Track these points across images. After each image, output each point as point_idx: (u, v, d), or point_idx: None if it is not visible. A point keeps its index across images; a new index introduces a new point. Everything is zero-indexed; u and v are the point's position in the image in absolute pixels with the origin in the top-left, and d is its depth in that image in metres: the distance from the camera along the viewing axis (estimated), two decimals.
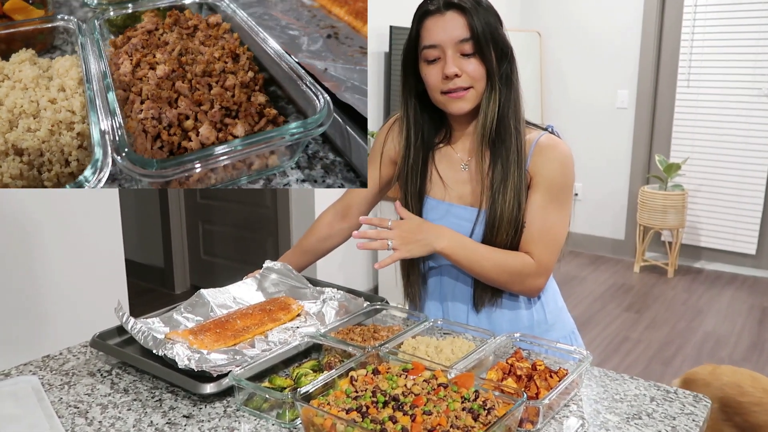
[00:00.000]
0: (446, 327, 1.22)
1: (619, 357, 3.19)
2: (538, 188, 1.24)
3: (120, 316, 1.14)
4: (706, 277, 4.32)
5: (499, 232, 1.23)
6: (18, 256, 1.98)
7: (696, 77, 4.32)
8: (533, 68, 4.74)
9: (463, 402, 0.86)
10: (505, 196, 1.22)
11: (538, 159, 1.24)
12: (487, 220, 1.24)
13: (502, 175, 1.22)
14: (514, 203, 1.22)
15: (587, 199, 4.82)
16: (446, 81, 1.19)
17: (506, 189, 1.22)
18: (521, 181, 1.22)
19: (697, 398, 1.01)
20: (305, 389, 0.90)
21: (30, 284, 2.01)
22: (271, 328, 1.20)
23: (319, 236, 1.47)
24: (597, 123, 4.69)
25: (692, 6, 4.25)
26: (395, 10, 3.30)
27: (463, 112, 1.23)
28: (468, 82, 1.19)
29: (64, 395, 1.01)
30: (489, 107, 1.21)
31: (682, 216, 4.20)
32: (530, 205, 1.23)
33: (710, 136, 4.32)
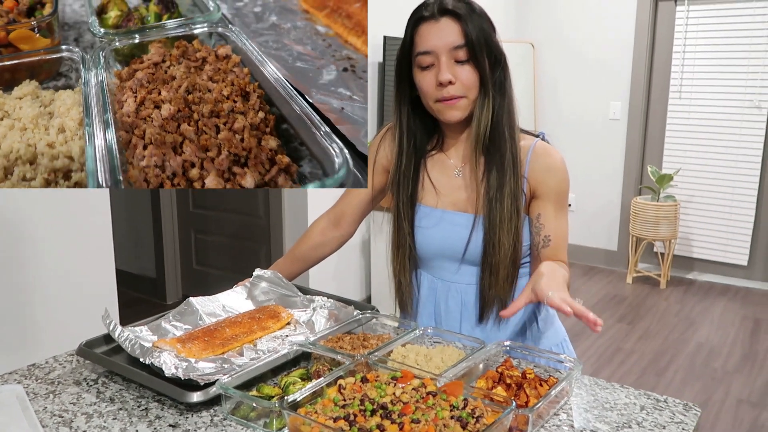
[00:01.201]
0: (436, 335, 1.22)
1: (612, 368, 3.18)
2: (547, 199, 1.26)
3: (107, 324, 1.13)
4: (698, 288, 4.33)
5: (499, 237, 1.23)
6: (7, 264, 1.96)
7: (688, 89, 4.35)
8: (527, 79, 4.76)
9: (452, 410, 0.86)
10: (503, 202, 1.22)
11: (536, 167, 1.25)
12: (486, 227, 1.24)
13: (498, 181, 1.22)
14: (512, 209, 1.23)
15: (580, 210, 4.83)
16: (440, 88, 1.19)
17: (503, 195, 1.22)
18: (518, 187, 1.23)
19: (687, 407, 1.00)
20: (292, 397, 0.89)
21: (19, 292, 2.00)
22: (260, 336, 1.19)
23: (312, 244, 1.47)
24: (590, 134, 4.71)
25: (684, 18, 4.29)
26: (389, 20, 3.31)
27: (456, 120, 1.23)
28: (461, 91, 1.20)
29: (49, 404, 1.00)
30: (483, 114, 1.21)
31: (674, 227, 4.21)
32: (547, 217, 1.26)
33: (702, 147, 4.35)
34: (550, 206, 1.26)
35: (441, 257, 1.31)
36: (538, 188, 1.26)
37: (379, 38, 3.45)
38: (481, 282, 1.28)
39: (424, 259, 1.33)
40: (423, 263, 1.35)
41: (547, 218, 1.26)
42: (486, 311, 1.29)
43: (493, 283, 1.26)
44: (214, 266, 3.84)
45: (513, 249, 1.25)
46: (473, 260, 1.28)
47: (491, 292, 1.27)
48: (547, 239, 1.26)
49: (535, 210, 1.27)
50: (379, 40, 3.46)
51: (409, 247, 1.32)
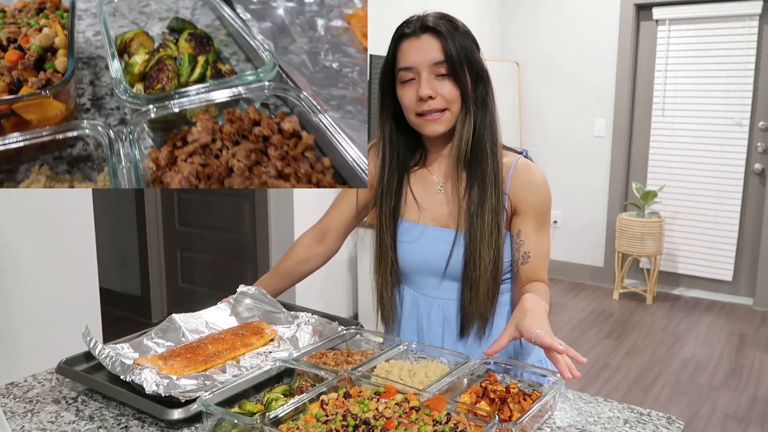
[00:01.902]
0: (420, 351, 1.21)
1: (599, 384, 3.18)
2: (527, 217, 1.26)
3: (87, 341, 1.11)
4: (684, 304, 4.35)
5: (480, 253, 1.23)
6: None
7: (671, 107, 4.41)
8: (512, 97, 4.81)
9: (435, 425, 0.85)
10: (483, 217, 1.23)
11: (517, 183, 1.26)
12: (466, 242, 1.24)
13: (479, 197, 1.23)
14: (493, 225, 1.23)
15: (566, 227, 4.86)
16: (420, 102, 1.21)
17: (483, 210, 1.23)
18: (499, 203, 1.24)
19: (670, 420, 1.00)
20: (274, 413, 0.89)
21: (0, 310, 1.97)
22: (243, 353, 1.18)
23: (297, 259, 1.46)
24: (575, 151, 4.75)
25: (665, 38, 4.36)
26: (375, 38, 3.33)
27: (437, 134, 1.24)
28: (442, 104, 1.21)
29: (27, 423, 0.98)
30: (464, 129, 1.22)
31: (659, 243, 4.24)
32: (527, 234, 1.26)
33: (685, 164, 4.40)
34: (531, 223, 1.27)
35: (422, 272, 1.31)
36: (520, 205, 1.27)
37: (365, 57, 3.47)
38: (461, 297, 1.28)
39: (406, 274, 1.34)
40: (405, 278, 1.35)
41: (527, 235, 1.27)
42: (466, 327, 1.29)
43: (473, 298, 1.26)
44: (200, 284, 3.81)
45: (493, 264, 1.25)
46: (454, 276, 1.28)
47: (471, 307, 1.27)
48: (527, 256, 1.26)
49: (516, 226, 1.28)
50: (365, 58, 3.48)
51: (391, 261, 1.32)
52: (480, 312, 1.27)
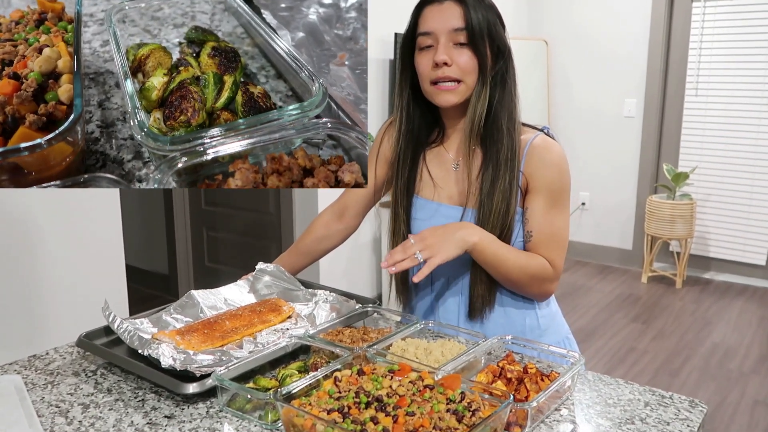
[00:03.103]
0: (437, 329, 1.20)
1: (624, 368, 3.14)
2: (538, 194, 1.22)
3: (106, 315, 1.12)
4: (715, 288, 4.26)
5: (492, 231, 1.20)
6: (17, 260, 1.97)
7: (704, 85, 4.28)
8: (540, 77, 4.72)
9: (449, 403, 0.84)
10: (493, 197, 1.20)
11: (531, 160, 1.22)
12: (476, 220, 1.22)
13: (492, 176, 1.20)
14: (502, 205, 1.20)
15: (594, 209, 4.78)
16: (435, 69, 1.18)
17: (494, 190, 1.20)
18: (512, 184, 1.20)
19: (692, 403, 0.98)
20: (287, 389, 0.88)
21: (28, 288, 2.01)
22: (260, 329, 1.18)
23: (316, 237, 1.46)
24: (604, 132, 4.66)
25: (700, 14, 4.23)
26: (400, 17, 3.29)
27: (450, 105, 1.21)
28: (457, 74, 1.18)
29: (47, 395, 1.00)
30: (478, 103, 1.20)
31: (690, 226, 4.15)
32: (533, 211, 1.22)
33: (719, 144, 4.28)
34: (541, 201, 1.22)
35: None
36: (531, 182, 1.23)
37: (390, 35, 3.44)
38: (471, 277, 1.26)
39: None
40: None
41: (532, 213, 1.22)
42: (475, 306, 1.27)
43: (481, 278, 1.24)
44: (226, 263, 3.85)
45: None
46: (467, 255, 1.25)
47: (480, 287, 1.25)
48: (529, 235, 1.23)
49: (526, 203, 1.24)
50: (390, 37, 3.44)
51: (403, 235, 1.30)
52: (487, 291, 1.25)
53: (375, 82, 3.48)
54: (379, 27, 3.37)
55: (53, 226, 2.05)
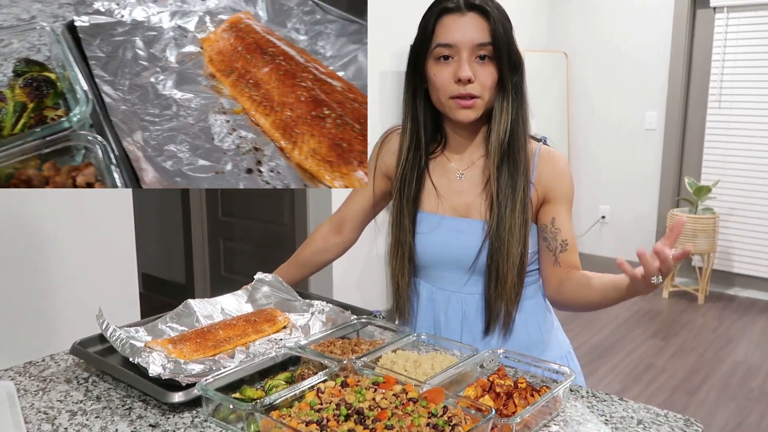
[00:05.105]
0: (430, 342, 1.18)
1: (641, 385, 3.07)
2: (560, 203, 1.23)
3: (100, 323, 1.13)
4: (738, 305, 4.16)
5: (508, 247, 1.19)
6: (29, 266, 2.00)
7: (728, 97, 4.21)
8: (560, 89, 4.69)
9: (430, 417, 0.83)
10: (514, 211, 1.19)
11: (544, 172, 1.22)
12: (494, 236, 1.20)
13: (511, 188, 1.19)
14: (521, 219, 1.20)
15: (614, 222, 4.71)
16: (458, 85, 1.15)
17: (515, 203, 1.19)
18: (527, 195, 1.20)
19: (688, 422, 0.95)
20: (268, 400, 0.88)
21: (40, 292, 2.04)
22: (254, 339, 1.18)
23: (314, 249, 1.45)
24: (625, 144, 4.60)
25: (723, 25, 4.16)
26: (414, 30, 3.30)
27: (469, 121, 1.19)
28: (478, 91, 1.15)
29: (37, 401, 1.01)
30: (502, 117, 1.18)
31: (713, 240, 4.06)
32: (562, 221, 1.23)
33: (742, 158, 4.19)
34: (564, 210, 1.23)
35: (440, 264, 1.27)
36: (549, 193, 1.23)
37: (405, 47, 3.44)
38: (487, 292, 1.24)
39: (422, 266, 1.29)
40: (421, 271, 1.30)
41: (561, 222, 1.23)
42: (492, 322, 1.25)
43: (501, 293, 1.22)
44: (242, 273, 3.87)
45: (520, 259, 1.21)
46: (477, 269, 1.24)
47: (498, 303, 1.23)
48: (565, 243, 1.22)
49: (548, 215, 1.23)
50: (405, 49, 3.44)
51: (410, 247, 1.27)
52: (506, 307, 1.23)
53: (391, 96, 3.48)
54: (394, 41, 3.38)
55: (66, 233, 2.08)
